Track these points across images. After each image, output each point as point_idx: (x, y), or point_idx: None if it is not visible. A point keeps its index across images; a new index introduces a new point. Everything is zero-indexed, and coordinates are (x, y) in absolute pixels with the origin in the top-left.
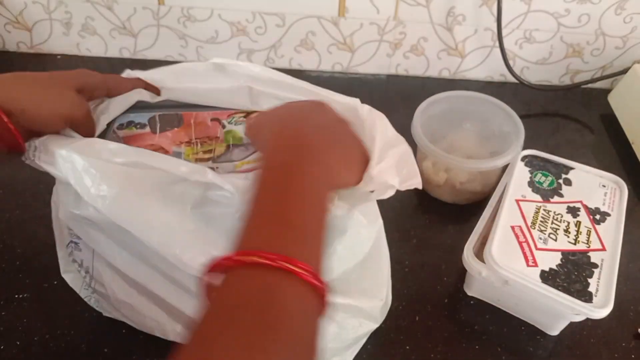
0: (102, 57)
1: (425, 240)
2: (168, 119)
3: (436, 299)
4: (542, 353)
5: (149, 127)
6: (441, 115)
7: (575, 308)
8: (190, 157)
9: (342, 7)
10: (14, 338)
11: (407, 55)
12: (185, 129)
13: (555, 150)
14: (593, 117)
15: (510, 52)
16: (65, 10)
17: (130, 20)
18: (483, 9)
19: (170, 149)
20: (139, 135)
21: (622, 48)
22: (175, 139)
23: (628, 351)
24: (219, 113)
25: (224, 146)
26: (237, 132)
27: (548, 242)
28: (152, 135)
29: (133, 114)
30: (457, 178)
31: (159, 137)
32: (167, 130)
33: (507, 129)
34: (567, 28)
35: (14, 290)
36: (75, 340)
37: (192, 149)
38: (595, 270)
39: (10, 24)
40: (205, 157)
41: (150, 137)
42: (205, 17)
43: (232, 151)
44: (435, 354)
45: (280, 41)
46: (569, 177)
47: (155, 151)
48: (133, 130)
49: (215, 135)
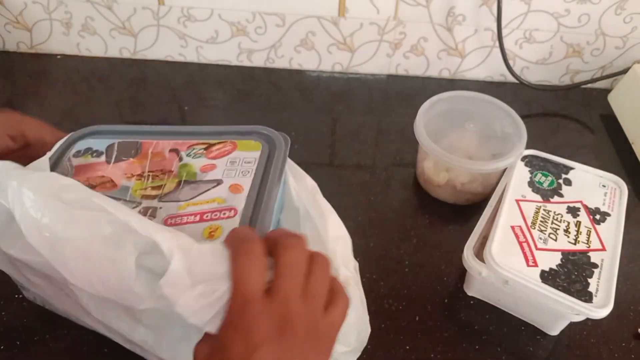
0: (102, 57)
1: (425, 240)
2: (126, 147)
3: (436, 299)
4: (542, 353)
5: (105, 156)
6: (443, 115)
7: (575, 308)
8: (137, 192)
9: (342, 7)
10: (14, 338)
11: (407, 55)
12: (140, 159)
13: (555, 150)
14: (593, 117)
15: (510, 52)
16: (65, 10)
17: (130, 20)
18: (483, 9)
19: (120, 182)
20: (92, 165)
21: (622, 48)
22: (128, 170)
23: (628, 351)
24: (180, 143)
25: (175, 182)
26: (193, 166)
27: (548, 242)
28: (105, 166)
29: (93, 140)
30: (458, 179)
31: (112, 167)
32: (122, 160)
33: (509, 130)
34: (567, 28)
35: (14, 290)
36: (76, 340)
37: (141, 184)
38: (595, 270)
39: (10, 24)
40: (153, 193)
41: (103, 168)
42: (205, 17)
43: (182, 189)
44: (435, 354)
45: (280, 41)
46: (569, 177)
47: (103, 183)
48: (88, 159)
49: (170, 169)
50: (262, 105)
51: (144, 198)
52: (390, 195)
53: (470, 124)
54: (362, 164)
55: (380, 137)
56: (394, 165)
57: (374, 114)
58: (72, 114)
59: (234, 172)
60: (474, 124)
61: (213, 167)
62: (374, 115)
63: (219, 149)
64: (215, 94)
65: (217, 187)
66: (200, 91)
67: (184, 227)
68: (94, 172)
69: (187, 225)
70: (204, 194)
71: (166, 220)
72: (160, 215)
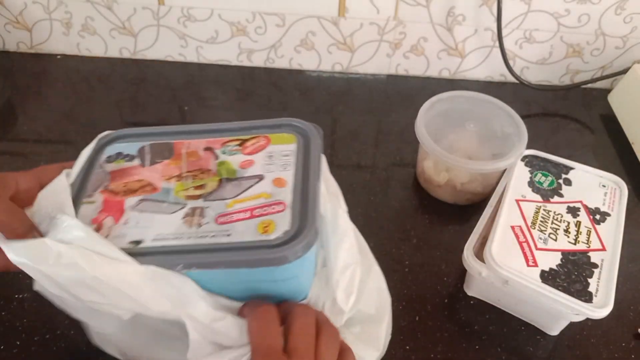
0: (102, 57)
1: (425, 240)
2: (158, 149)
3: (436, 299)
4: (542, 353)
5: (139, 159)
6: (443, 115)
7: (575, 308)
8: (180, 194)
9: (342, 7)
10: (14, 338)
11: (407, 55)
12: (176, 160)
13: (555, 150)
14: (593, 117)
15: (510, 52)
16: (65, 10)
17: (130, 20)
18: (483, 9)
19: (159, 185)
20: (127, 170)
21: (622, 48)
22: (165, 172)
23: (628, 351)
24: (213, 141)
25: (216, 181)
26: (231, 163)
27: (548, 242)
28: (141, 169)
29: (122, 144)
30: (458, 179)
31: (148, 170)
32: (157, 162)
33: (509, 130)
34: (567, 28)
35: (14, 290)
36: (75, 340)
37: (182, 185)
38: (595, 270)
39: (10, 24)
40: (197, 193)
41: (139, 171)
42: (205, 17)
43: (225, 187)
44: (435, 354)
45: (280, 41)
46: (569, 177)
47: (143, 187)
48: (121, 164)
49: (208, 167)
50: (262, 105)
51: (188, 199)
52: (390, 195)
53: (470, 124)
54: (362, 164)
55: (380, 137)
56: (394, 165)
57: (374, 114)
58: (72, 114)
59: (273, 166)
60: (474, 124)
61: (251, 163)
62: (374, 115)
63: (253, 144)
64: (215, 94)
65: (260, 183)
66: (200, 91)
67: (236, 225)
68: (131, 176)
69: (239, 222)
70: (249, 190)
71: (217, 219)
72: (209, 215)
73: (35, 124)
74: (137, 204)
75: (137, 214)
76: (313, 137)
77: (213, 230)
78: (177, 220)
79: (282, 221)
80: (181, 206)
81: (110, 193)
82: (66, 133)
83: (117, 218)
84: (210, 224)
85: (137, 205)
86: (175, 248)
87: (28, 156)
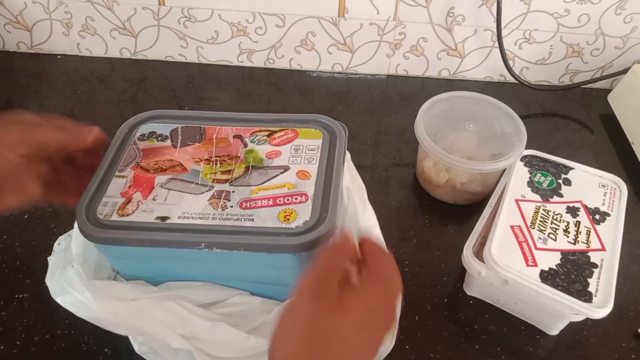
0: (102, 57)
1: (425, 240)
2: (190, 132)
3: (436, 299)
4: (541, 353)
5: (170, 140)
6: (443, 115)
7: (575, 308)
8: (207, 177)
9: (342, 8)
10: (14, 338)
11: (407, 55)
12: (206, 144)
13: (555, 150)
14: (593, 117)
15: (510, 52)
16: (65, 10)
17: (131, 20)
18: (483, 9)
19: (189, 166)
20: (159, 149)
21: (622, 48)
22: (195, 155)
23: (628, 351)
24: (243, 129)
25: (243, 167)
26: (258, 152)
27: (547, 242)
28: (172, 150)
29: (156, 124)
30: (457, 179)
31: (179, 152)
32: (188, 144)
33: (509, 130)
34: (566, 28)
35: (14, 290)
36: (75, 340)
37: (210, 168)
38: (595, 270)
39: (10, 24)
40: (223, 178)
41: (170, 151)
42: (206, 18)
43: (251, 174)
44: (435, 353)
45: (280, 41)
46: (568, 177)
47: (173, 167)
48: (154, 142)
49: (236, 154)
50: (262, 105)
51: (215, 182)
52: (390, 195)
53: (470, 124)
54: (362, 164)
55: (380, 137)
56: (393, 165)
57: (374, 114)
58: (72, 114)
59: (299, 158)
60: (474, 124)
61: (278, 154)
62: (374, 115)
63: (281, 136)
64: (215, 94)
65: (285, 173)
66: (200, 91)
67: (260, 210)
68: (163, 155)
69: (262, 208)
70: (274, 179)
71: (241, 204)
72: (234, 199)
73: None
74: (166, 182)
75: (166, 191)
76: (339, 135)
77: (237, 214)
78: (204, 201)
79: (304, 211)
80: (208, 188)
81: (141, 169)
82: None
83: (146, 194)
84: (234, 208)
85: (166, 183)
86: (200, 227)
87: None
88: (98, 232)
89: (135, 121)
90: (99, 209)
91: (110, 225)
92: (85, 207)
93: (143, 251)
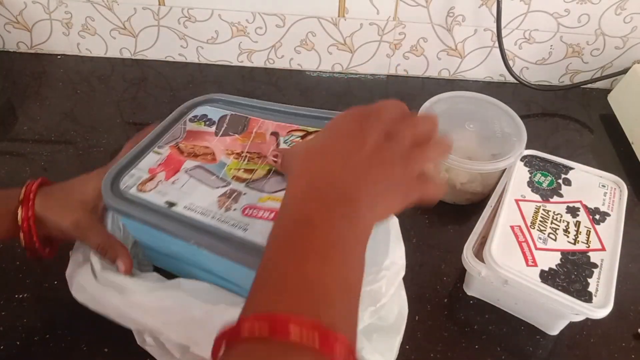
0: (102, 57)
1: (425, 240)
2: (236, 121)
3: (436, 299)
4: (541, 353)
5: (216, 127)
6: (443, 115)
7: (575, 308)
8: (230, 172)
9: (342, 8)
10: (14, 338)
11: (407, 55)
12: (244, 137)
13: (555, 150)
14: (593, 117)
15: (510, 52)
16: (65, 10)
17: (131, 20)
18: (483, 9)
19: (219, 157)
20: (201, 134)
21: (622, 48)
22: (230, 146)
23: (628, 351)
24: (282, 126)
25: (266, 169)
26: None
27: (547, 242)
28: (213, 137)
29: (211, 107)
30: (457, 179)
31: (218, 140)
32: (228, 134)
33: (509, 130)
34: (566, 28)
35: (14, 290)
36: (75, 340)
37: (236, 163)
38: (595, 270)
39: (10, 24)
40: (243, 176)
41: (210, 138)
42: (206, 18)
43: (270, 179)
44: (435, 353)
45: (280, 42)
46: (568, 177)
47: (205, 155)
48: (201, 126)
49: (266, 154)
50: None
51: (234, 179)
52: None
53: (470, 124)
54: None
55: None
56: None
57: None
58: (72, 114)
59: None
60: (474, 124)
61: None
62: None
63: None
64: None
65: None
66: (200, 91)
67: (257, 221)
68: (202, 140)
69: (261, 220)
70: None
71: (244, 209)
72: (241, 202)
73: (35, 124)
74: (192, 168)
75: (187, 177)
76: None
77: (235, 219)
78: (214, 197)
79: None
80: (225, 184)
81: (177, 150)
82: (66, 133)
83: (169, 175)
84: (237, 212)
85: (191, 170)
86: (197, 223)
87: (28, 156)
88: (112, 200)
89: (195, 102)
90: (124, 179)
91: (125, 197)
92: (115, 173)
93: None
